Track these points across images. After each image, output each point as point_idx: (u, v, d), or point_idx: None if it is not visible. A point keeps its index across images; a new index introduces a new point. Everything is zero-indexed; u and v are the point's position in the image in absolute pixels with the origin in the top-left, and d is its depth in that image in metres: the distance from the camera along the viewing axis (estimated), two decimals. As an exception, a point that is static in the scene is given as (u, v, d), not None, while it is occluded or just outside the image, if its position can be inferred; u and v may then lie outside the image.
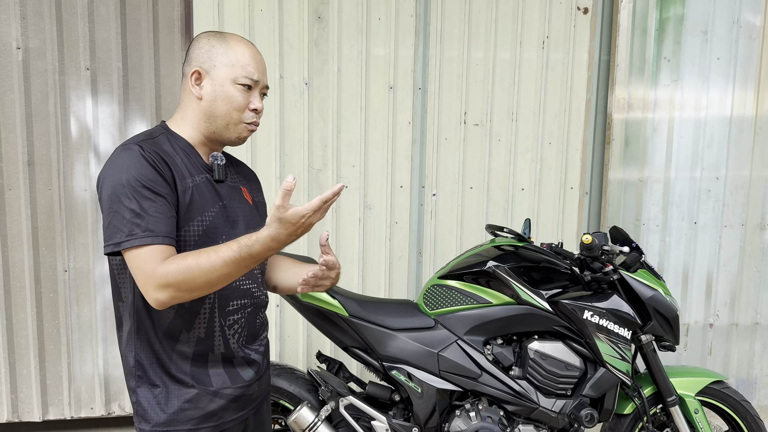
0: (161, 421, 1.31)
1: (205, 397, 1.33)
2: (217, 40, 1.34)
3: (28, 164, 2.88)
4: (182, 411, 1.31)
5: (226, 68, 1.32)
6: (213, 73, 1.32)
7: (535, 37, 3.22)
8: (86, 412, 3.06)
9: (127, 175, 1.20)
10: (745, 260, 3.52)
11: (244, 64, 1.33)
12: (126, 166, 1.21)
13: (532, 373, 2.23)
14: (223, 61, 1.32)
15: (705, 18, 3.34)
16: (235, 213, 1.40)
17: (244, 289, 1.39)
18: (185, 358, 1.31)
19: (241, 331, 1.39)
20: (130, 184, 1.19)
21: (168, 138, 1.33)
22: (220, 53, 1.32)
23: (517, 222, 3.30)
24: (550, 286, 2.27)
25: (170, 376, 1.31)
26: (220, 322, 1.34)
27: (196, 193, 1.30)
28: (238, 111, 1.34)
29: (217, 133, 1.36)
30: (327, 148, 3.10)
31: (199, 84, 1.33)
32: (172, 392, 1.31)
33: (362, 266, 3.19)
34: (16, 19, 2.81)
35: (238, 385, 1.38)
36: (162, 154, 1.27)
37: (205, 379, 1.33)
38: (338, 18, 3.05)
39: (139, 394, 1.32)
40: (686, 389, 2.39)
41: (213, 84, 1.32)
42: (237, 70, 1.32)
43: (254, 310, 1.43)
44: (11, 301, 2.93)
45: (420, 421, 2.20)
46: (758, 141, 3.45)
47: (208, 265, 1.16)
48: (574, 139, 3.30)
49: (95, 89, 2.92)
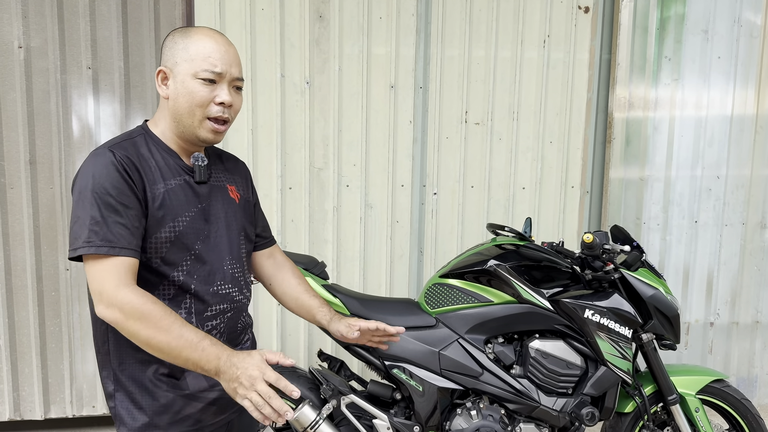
0: (138, 426, 1.28)
1: (180, 400, 1.30)
2: (180, 36, 1.29)
3: (29, 163, 2.88)
4: (158, 415, 1.29)
5: (186, 63, 1.26)
6: (175, 70, 1.27)
7: (536, 36, 3.22)
8: (88, 410, 3.07)
9: (93, 182, 1.18)
10: (746, 259, 3.52)
11: (205, 56, 1.26)
12: (93, 172, 1.19)
13: (533, 372, 2.24)
14: (183, 57, 1.26)
15: (706, 17, 3.34)
16: (216, 214, 1.36)
17: (223, 294, 1.35)
18: (160, 361, 1.27)
19: (219, 336, 1.35)
20: (95, 191, 1.17)
21: (146, 139, 1.31)
22: (180, 49, 1.27)
23: (518, 221, 3.30)
24: (551, 285, 2.27)
25: (146, 379, 1.28)
26: (198, 327, 1.28)
27: (167, 199, 1.26)
28: (201, 107, 1.28)
29: (186, 132, 1.31)
30: (328, 147, 3.11)
31: (165, 83, 1.29)
32: (147, 396, 1.29)
33: (363, 265, 3.20)
34: (18, 18, 2.81)
35: (217, 387, 1.34)
36: (135, 158, 1.25)
37: (182, 383, 1.31)
38: (339, 17, 3.05)
39: (116, 398, 1.30)
40: (687, 388, 2.39)
41: (175, 82, 1.27)
42: (197, 64, 1.26)
43: (235, 314, 1.39)
44: (13, 300, 2.94)
45: (421, 420, 2.21)
46: (759, 140, 3.45)
47: (164, 326, 1.14)
48: (575, 138, 3.30)
49: (97, 88, 2.92)
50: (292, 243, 3.12)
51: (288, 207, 3.10)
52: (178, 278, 1.28)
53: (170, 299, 1.28)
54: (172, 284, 1.28)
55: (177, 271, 1.28)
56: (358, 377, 2.39)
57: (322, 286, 2.24)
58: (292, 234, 3.12)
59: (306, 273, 2.25)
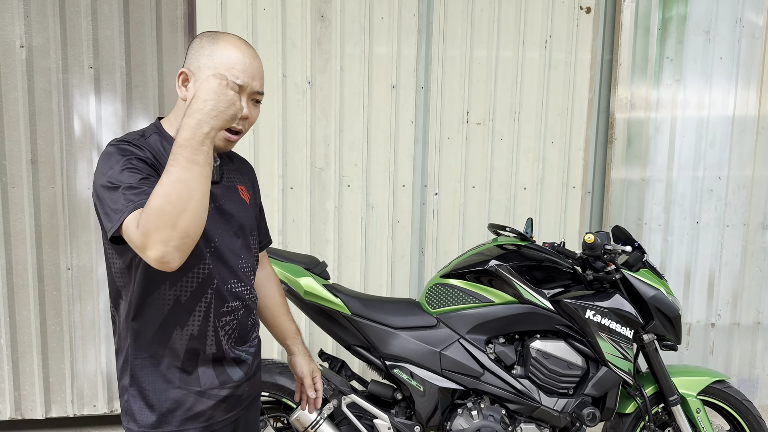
0: (150, 423, 1.29)
1: (192, 396, 1.31)
2: (208, 41, 1.29)
3: (31, 162, 2.89)
4: (170, 412, 1.30)
5: (209, 70, 1.25)
6: (197, 74, 1.26)
7: (537, 36, 3.22)
8: (89, 409, 3.07)
9: (116, 162, 1.18)
10: (747, 260, 3.52)
11: (229, 66, 1.25)
12: (116, 156, 1.19)
13: (534, 372, 2.24)
14: (207, 63, 1.26)
15: (708, 17, 3.34)
16: (230, 214, 1.37)
17: (237, 291, 1.38)
18: (176, 357, 1.30)
19: (232, 332, 1.38)
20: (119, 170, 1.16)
21: (160, 138, 1.31)
22: (206, 55, 1.27)
23: (519, 221, 3.30)
24: (552, 286, 2.27)
25: (159, 374, 1.30)
26: (214, 323, 1.33)
27: None
28: None
29: None
30: (329, 146, 3.11)
31: (186, 86, 1.29)
32: (160, 392, 1.30)
33: (364, 265, 3.20)
34: (20, 18, 2.81)
35: (227, 385, 1.36)
36: (156, 151, 1.26)
37: (194, 380, 1.32)
38: (341, 17, 3.05)
39: (130, 393, 1.31)
40: (688, 388, 2.39)
41: (196, 86, 1.25)
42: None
43: (246, 312, 1.42)
44: (14, 299, 2.94)
45: (422, 420, 2.21)
46: (761, 140, 3.45)
47: (161, 189, 1.06)
48: (577, 138, 3.30)
49: (98, 88, 2.93)
50: (293, 243, 3.12)
51: (289, 207, 3.10)
52: (202, 272, 1.29)
53: (192, 292, 1.29)
54: (195, 277, 1.29)
55: (200, 266, 1.29)
56: (358, 377, 2.39)
57: (324, 286, 2.24)
58: (294, 234, 3.12)
59: (307, 273, 2.25)
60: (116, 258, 1.28)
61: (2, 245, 2.89)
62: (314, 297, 2.21)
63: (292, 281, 2.20)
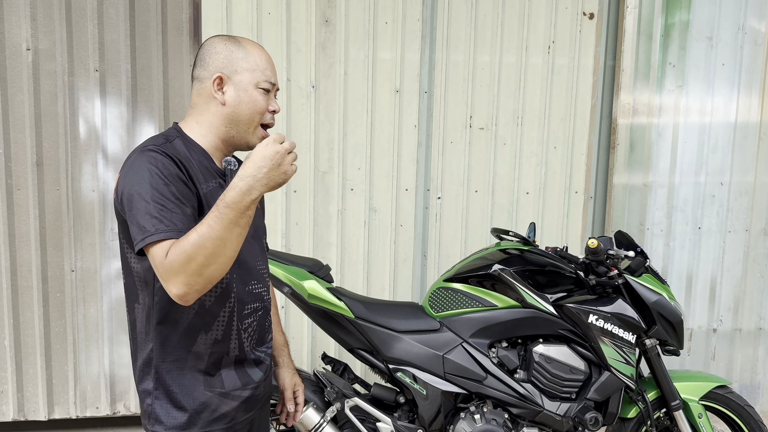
0: (176, 425, 1.31)
1: (216, 398, 1.34)
2: (235, 46, 1.36)
3: (36, 165, 2.90)
4: (198, 413, 1.32)
5: (248, 73, 1.35)
6: (235, 78, 1.34)
7: (540, 42, 3.24)
8: (92, 411, 3.08)
9: (150, 176, 1.20)
10: (749, 266, 3.52)
11: (263, 68, 1.37)
12: (148, 167, 1.21)
13: (536, 377, 2.24)
14: (244, 66, 1.35)
15: (710, 24, 3.35)
16: None
17: (256, 293, 1.41)
18: (200, 360, 1.32)
19: (253, 333, 1.41)
20: (153, 186, 1.19)
21: (183, 142, 1.34)
22: (240, 58, 1.35)
23: (522, 226, 3.31)
24: (555, 290, 2.28)
25: (185, 378, 1.32)
26: (237, 326, 1.36)
27: (204, 201, 1.30)
28: (260, 114, 1.37)
29: (237, 137, 1.38)
30: (333, 150, 3.12)
31: (221, 89, 1.35)
32: (188, 394, 1.32)
33: (367, 268, 3.21)
34: (26, 21, 2.83)
35: (249, 386, 1.40)
36: (183, 157, 1.29)
37: (217, 381, 1.35)
38: (345, 22, 3.06)
39: (155, 395, 1.32)
40: (690, 394, 2.39)
41: (237, 89, 1.35)
42: (258, 75, 1.35)
43: (264, 313, 1.45)
44: (18, 301, 2.95)
45: (425, 423, 2.21)
46: (763, 147, 3.46)
47: (197, 237, 1.12)
48: (579, 143, 3.31)
49: (104, 91, 2.94)
50: (296, 246, 3.13)
51: (293, 210, 3.11)
52: (227, 277, 1.32)
53: (216, 297, 1.32)
54: (220, 282, 1.32)
55: None
56: (361, 380, 2.39)
57: (327, 289, 2.24)
58: (297, 237, 3.13)
59: (311, 276, 2.25)
60: (136, 262, 1.30)
61: (7, 247, 2.90)
62: (318, 300, 2.22)
63: (295, 284, 2.21)
